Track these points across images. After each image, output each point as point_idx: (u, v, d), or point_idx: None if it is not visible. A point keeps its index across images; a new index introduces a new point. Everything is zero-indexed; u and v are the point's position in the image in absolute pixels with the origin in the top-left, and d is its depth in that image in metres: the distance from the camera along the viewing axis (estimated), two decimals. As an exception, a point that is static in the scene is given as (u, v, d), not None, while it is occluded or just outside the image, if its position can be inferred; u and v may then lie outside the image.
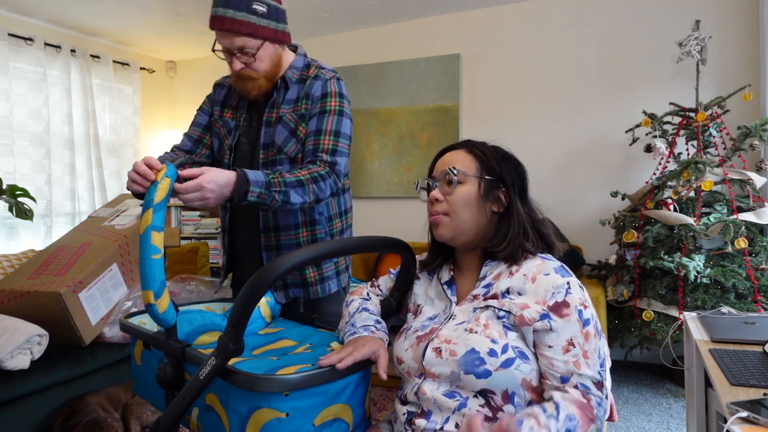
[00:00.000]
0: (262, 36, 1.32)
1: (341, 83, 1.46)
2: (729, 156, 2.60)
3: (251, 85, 1.39)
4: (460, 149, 1.07)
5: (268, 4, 1.32)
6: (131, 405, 1.97)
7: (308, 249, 0.91)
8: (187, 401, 0.95)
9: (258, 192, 1.22)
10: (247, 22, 1.29)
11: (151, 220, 1.01)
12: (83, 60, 3.84)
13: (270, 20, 1.33)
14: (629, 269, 2.66)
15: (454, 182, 1.02)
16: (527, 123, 3.48)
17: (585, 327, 0.91)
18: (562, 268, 0.96)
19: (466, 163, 1.04)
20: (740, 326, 1.47)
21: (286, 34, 1.40)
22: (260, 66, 1.37)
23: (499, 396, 0.91)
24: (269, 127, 1.43)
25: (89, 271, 2.03)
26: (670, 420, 2.41)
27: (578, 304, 0.92)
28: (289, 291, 1.48)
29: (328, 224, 1.49)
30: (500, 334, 0.92)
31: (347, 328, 1.09)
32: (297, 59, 1.47)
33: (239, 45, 1.31)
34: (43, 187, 3.62)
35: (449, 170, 1.02)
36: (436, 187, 1.05)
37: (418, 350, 0.99)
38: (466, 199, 1.01)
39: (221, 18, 1.29)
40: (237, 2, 1.28)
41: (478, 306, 0.98)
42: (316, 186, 1.31)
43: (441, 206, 1.03)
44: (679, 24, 3.05)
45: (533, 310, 0.92)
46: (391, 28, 3.92)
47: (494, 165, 1.03)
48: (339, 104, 1.42)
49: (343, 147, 1.40)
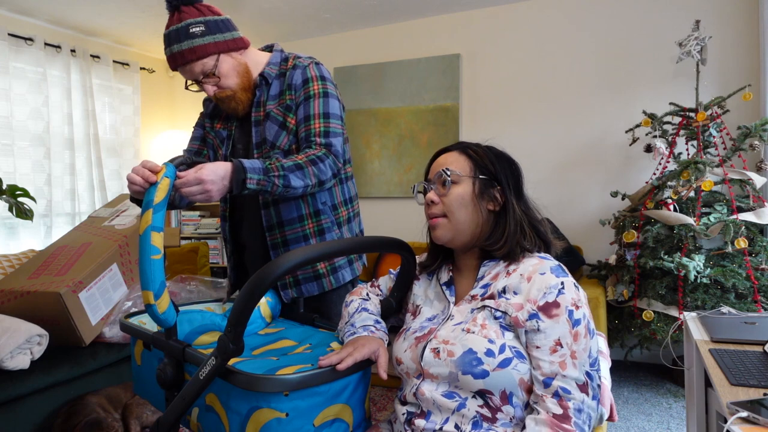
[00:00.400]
0: (212, 52, 1.32)
1: (320, 67, 1.44)
2: (729, 156, 2.60)
3: (233, 104, 1.40)
4: (453, 151, 1.07)
5: (204, 22, 1.32)
6: (131, 405, 1.97)
7: (308, 249, 0.90)
8: (187, 401, 0.95)
9: (257, 179, 1.21)
10: (190, 48, 1.30)
11: (151, 221, 1.01)
12: (83, 60, 3.84)
13: (212, 35, 1.32)
14: (629, 269, 2.66)
15: (448, 183, 1.02)
16: (527, 123, 3.48)
17: (575, 327, 0.91)
18: (558, 268, 0.96)
19: (459, 163, 1.04)
20: (740, 326, 1.47)
21: (237, 40, 1.38)
22: (228, 81, 1.36)
23: (498, 396, 0.91)
24: (259, 126, 1.42)
25: (89, 271, 2.03)
26: (670, 420, 2.41)
27: (569, 304, 0.91)
28: (301, 287, 1.45)
29: (333, 213, 1.47)
30: (497, 334, 0.93)
31: (347, 329, 1.09)
32: (274, 56, 1.46)
33: (198, 71, 1.33)
34: (43, 187, 3.62)
35: (443, 171, 1.03)
36: (432, 190, 1.05)
37: (416, 351, 0.99)
38: (461, 199, 1.02)
39: (171, 57, 1.32)
40: (176, 36, 1.30)
41: (476, 306, 0.98)
42: (315, 168, 1.30)
43: (437, 208, 1.03)
44: (679, 24, 3.05)
45: (525, 310, 0.92)
46: (391, 28, 3.92)
47: (488, 164, 1.04)
48: (322, 86, 1.40)
49: (335, 127, 1.38)
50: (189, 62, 1.31)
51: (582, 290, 0.96)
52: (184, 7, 1.32)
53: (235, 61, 1.37)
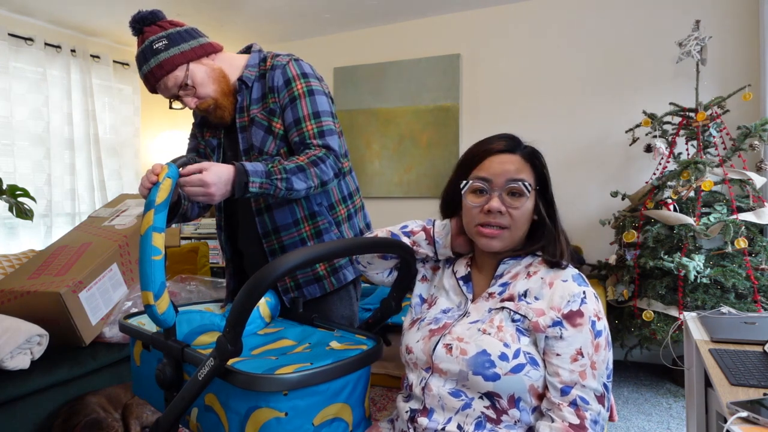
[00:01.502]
0: (179, 63, 1.31)
1: (300, 63, 1.39)
2: (729, 156, 2.60)
3: (219, 112, 1.38)
4: (516, 154, 0.99)
5: (166, 36, 1.31)
6: (131, 405, 1.97)
7: (306, 250, 0.90)
8: (187, 401, 0.95)
9: (259, 182, 1.20)
10: (158, 64, 1.30)
11: (153, 221, 1.01)
12: (83, 60, 3.84)
13: (177, 45, 1.31)
14: (629, 269, 2.66)
15: (525, 197, 0.96)
16: (527, 123, 3.48)
17: (597, 338, 0.90)
18: (579, 277, 0.95)
19: (528, 174, 0.98)
20: (740, 326, 1.47)
21: (205, 45, 1.36)
22: (205, 89, 1.34)
23: (505, 400, 0.91)
24: (245, 132, 1.40)
25: (89, 271, 2.03)
26: (670, 420, 2.41)
27: (592, 314, 0.91)
28: (303, 290, 1.43)
29: (331, 213, 1.43)
30: (513, 338, 0.91)
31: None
32: (252, 57, 1.43)
33: (172, 85, 1.32)
34: (43, 187, 3.62)
35: (522, 184, 0.96)
36: (495, 196, 0.96)
37: (429, 344, 0.98)
38: (529, 216, 0.98)
39: (145, 79, 1.33)
40: (143, 56, 1.31)
41: (494, 307, 0.97)
42: (317, 169, 1.27)
43: (503, 219, 0.96)
44: (679, 24, 3.05)
45: (548, 316, 0.91)
46: (391, 28, 3.92)
47: (545, 177, 1.00)
48: (305, 84, 1.36)
49: (328, 125, 1.34)
50: (160, 78, 1.31)
51: (600, 301, 0.95)
52: (147, 28, 1.32)
53: (207, 68, 1.35)
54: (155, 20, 1.33)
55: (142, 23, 1.33)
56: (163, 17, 1.35)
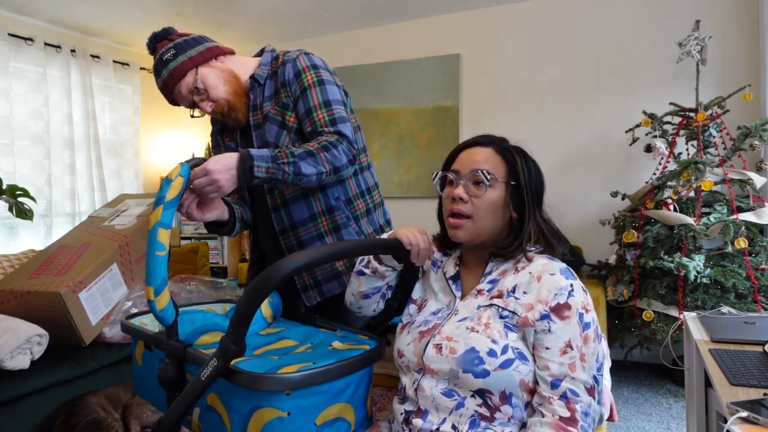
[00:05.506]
0: (188, 68, 1.32)
1: (311, 56, 1.39)
2: (729, 156, 2.61)
3: (234, 114, 1.38)
4: (488, 147, 1.02)
5: (174, 46, 1.33)
6: (131, 405, 1.97)
7: (312, 251, 0.91)
8: (189, 402, 0.95)
9: (265, 166, 1.18)
10: (169, 74, 1.32)
11: (161, 217, 1.02)
12: (83, 60, 3.84)
13: (184, 53, 1.32)
14: (629, 269, 2.66)
15: (484, 185, 0.98)
16: (527, 123, 3.48)
17: (585, 330, 0.91)
18: (567, 270, 0.96)
19: (496, 164, 1.00)
20: (740, 326, 1.47)
21: (213, 49, 1.37)
22: (217, 92, 1.35)
23: (497, 396, 0.91)
24: (258, 129, 1.40)
25: (89, 271, 2.03)
26: (670, 420, 2.41)
27: (580, 307, 0.91)
28: (321, 287, 1.41)
29: (348, 207, 1.41)
30: (501, 335, 0.92)
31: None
32: (264, 57, 1.44)
33: (185, 92, 1.33)
34: (43, 187, 3.61)
35: (481, 172, 0.98)
36: (460, 185, 1.00)
37: (419, 346, 0.99)
38: (493, 205, 0.99)
39: (162, 90, 1.36)
40: (157, 69, 1.34)
41: (482, 304, 0.98)
42: (328, 153, 1.24)
43: (465, 207, 0.99)
44: (679, 24, 3.05)
45: (536, 310, 0.91)
46: (391, 28, 3.92)
47: (521, 170, 1.00)
48: (315, 75, 1.36)
49: (339, 113, 1.33)
50: (173, 87, 1.32)
51: (588, 294, 0.96)
52: (158, 44, 1.34)
53: (217, 70, 1.35)
54: (166, 36, 1.35)
55: (155, 41, 1.35)
56: (174, 32, 1.37)
